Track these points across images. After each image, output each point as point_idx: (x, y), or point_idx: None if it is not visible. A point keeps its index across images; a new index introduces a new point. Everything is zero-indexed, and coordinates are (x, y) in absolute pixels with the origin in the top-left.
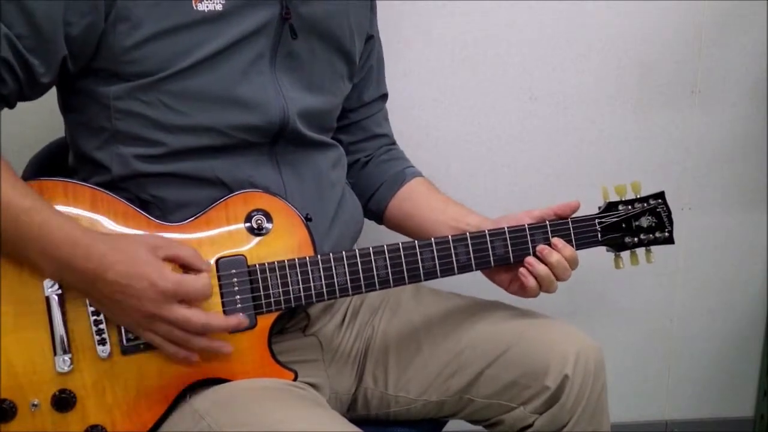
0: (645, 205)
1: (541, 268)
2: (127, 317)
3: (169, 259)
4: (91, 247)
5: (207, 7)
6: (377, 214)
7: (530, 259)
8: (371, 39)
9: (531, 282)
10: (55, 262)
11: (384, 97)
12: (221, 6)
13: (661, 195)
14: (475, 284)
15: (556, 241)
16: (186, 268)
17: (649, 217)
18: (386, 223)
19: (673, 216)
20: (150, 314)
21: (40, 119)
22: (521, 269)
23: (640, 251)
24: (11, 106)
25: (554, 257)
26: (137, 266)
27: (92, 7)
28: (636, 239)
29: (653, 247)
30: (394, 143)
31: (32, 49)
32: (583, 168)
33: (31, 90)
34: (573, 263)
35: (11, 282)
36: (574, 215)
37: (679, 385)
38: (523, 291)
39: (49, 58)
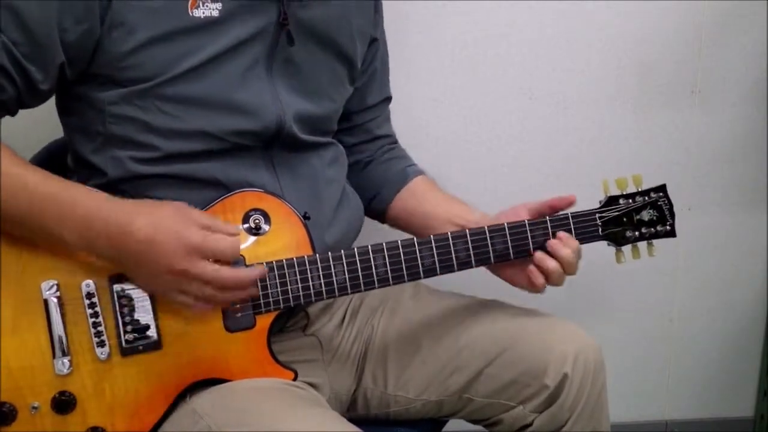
0: (646, 198)
1: (551, 263)
2: (157, 279)
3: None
4: (115, 205)
5: (203, 13)
6: (380, 213)
7: (540, 255)
8: (375, 42)
9: (540, 279)
10: (78, 228)
11: (388, 99)
12: (217, 12)
13: (662, 188)
14: (474, 283)
15: (562, 234)
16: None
17: (651, 211)
18: (389, 221)
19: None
20: (180, 271)
21: (40, 119)
22: (531, 267)
23: (642, 245)
24: (12, 113)
25: (564, 251)
26: (163, 221)
27: (87, 13)
28: (637, 233)
29: (655, 241)
30: (395, 142)
31: (28, 56)
32: (583, 168)
33: (31, 97)
34: (578, 255)
35: (9, 285)
36: (574, 210)
37: (679, 385)
38: (531, 286)
39: (47, 64)
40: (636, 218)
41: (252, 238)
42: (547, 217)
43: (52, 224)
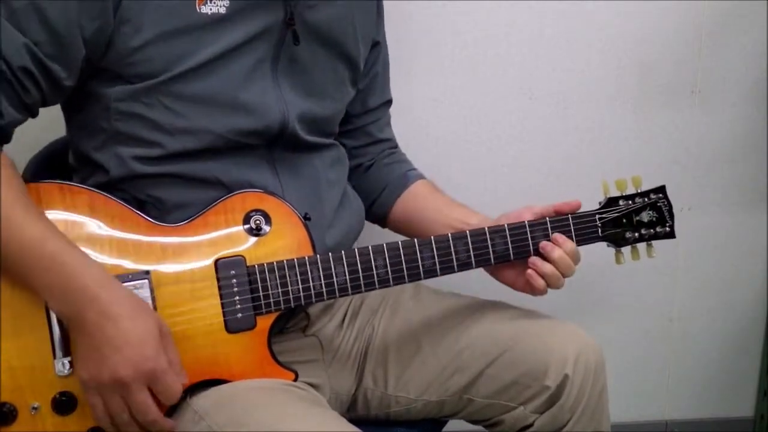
0: (646, 199)
1: (546, 267)
2: (97, 370)
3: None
4: (103, 291)
5: (210, 9)
6: (381, 217)
7: (534, 259)
8: (377, 45)
9: (540, 282)
10: (61, 296)
11: (388, 103)
12: (224, 9)
13: (661, 189)
14: (475, 284)
15: (556, 236)
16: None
17: (650, 212)
18: (390, 225)
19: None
20: (122, 382)
21: (41, 119)
22: (529, 271)
23: (641, 246)
24: (34, 115)
25: (556, 253)
26: (142, 332)
27: (102, 10)
28: (637, 234)
29: (654, 242)
30: (396, 146)
31: (51, 55)
32: (583, 168)
33: (54, 95)
34: (575, 257)
35: (10, 285)
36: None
37: (679, 385)
38: (531, 289)
39: (70, 62)
40: (635, 219)
41: (253, 239)
42: (547, 219)
43: (39, 289)
